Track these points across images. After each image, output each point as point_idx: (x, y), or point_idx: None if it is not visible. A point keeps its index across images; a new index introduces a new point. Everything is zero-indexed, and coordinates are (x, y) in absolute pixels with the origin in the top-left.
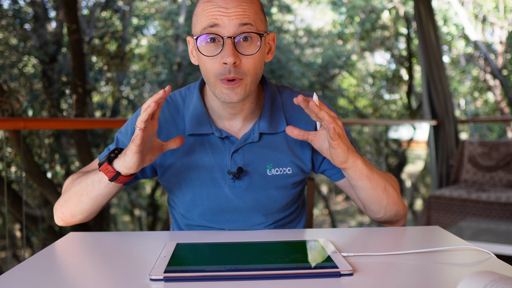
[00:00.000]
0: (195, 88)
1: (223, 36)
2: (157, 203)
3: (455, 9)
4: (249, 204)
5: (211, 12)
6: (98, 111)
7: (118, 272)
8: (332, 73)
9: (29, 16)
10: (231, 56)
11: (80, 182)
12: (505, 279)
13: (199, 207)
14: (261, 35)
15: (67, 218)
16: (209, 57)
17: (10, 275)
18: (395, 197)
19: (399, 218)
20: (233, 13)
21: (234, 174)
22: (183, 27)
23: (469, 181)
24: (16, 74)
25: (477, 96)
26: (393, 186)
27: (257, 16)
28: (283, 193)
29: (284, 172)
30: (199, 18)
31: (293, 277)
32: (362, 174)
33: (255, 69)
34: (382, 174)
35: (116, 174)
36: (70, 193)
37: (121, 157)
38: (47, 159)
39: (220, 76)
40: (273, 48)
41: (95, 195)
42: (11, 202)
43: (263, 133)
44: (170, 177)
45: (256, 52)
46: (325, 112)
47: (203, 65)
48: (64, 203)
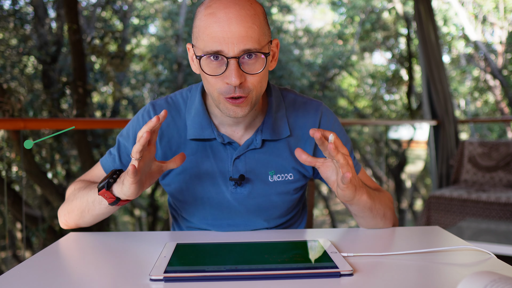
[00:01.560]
0: (197, 91)
1: (227, 56)
2: (157, 203)
3: (455, 9)
4: (250, 210)
5: (214, 33)
6: (98, 111)
7: (118, 272)
8: (332, 73)
9: (29, 16)
10: (236, 78)
11: (82, 197)
12: (505, 279)
13: (200, 212)
14: (267, 54)
15: (71, 225)
16: (213, 76)
17: (10, 275)
18: (392, 218)
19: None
20: (236, 33)
21: (236, 181)
22: (183, 27)
23: (469, 181)
24: (17, 74)
25: (477, 96)
26: (390, 208)
27: (261, 31)
28: (285, 199)
29: (286, 178)
30: (201, 35)
31: (293, 277)
32: (365, 207)
33: (260, 85)
34: (382, 200)
35: (116, 199)
36: (72, 206)
37: (119, 183)
38: (47, 159)
39: (225, 94)
40: (276, 54)
41: (96, 214)
42: (12, 202)
43: (265, 139)
44: (172, 182)
45: (261, 71)
46: (342, 156)
47: (206, 80)
48: (68, 213)
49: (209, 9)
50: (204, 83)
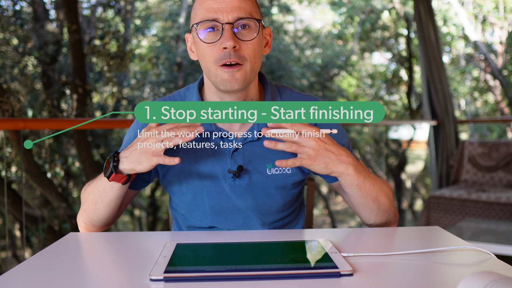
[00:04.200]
0: (194, 88)
1: (222, 22)
2: (157, 203)
3: (455, 9)
4: (248, 203)
5: (209, 5)
6: (98, 111)
7: (118, 272)
8: (331, 73)
9: (29, 16)
10: (231, 40)
11: (93, 191)
12: (505, 279)
13: (200, 207)
14: (259, 21)
15: (89, 227)
16: (209, 44)
17: (10, 275)
18: (387, 205)
19: (389, 223)
20: (230, 4)
21: (234, 173)
22: (184, 28)
23: (469, 181)
24: (17, 74)
25: (477, 97)
26: (386, 194)
27: (253, 7)
28: (282, 193)
29: (283, 171)
30: (197, 11)
31: (293, 277)
32: (352, 183)
33: (254, 55)
34: (377, 183)
35: (128, 177)
36: (87, 203)
37: (130, 163)
38: (47, 159)
39: (220, 61)
40: (270, 42)
41: (109, 200)
42: (11, 202)
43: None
44: (172, 177)
45: (254, 37)
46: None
47: (202, 54)
48: (84, 212)
49: None
50: (201, 61)
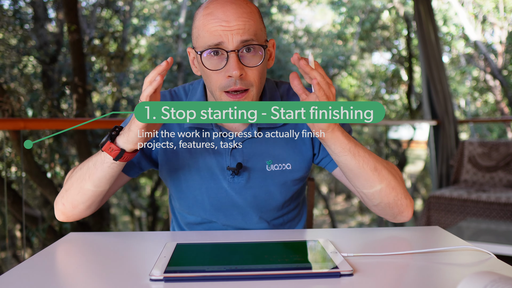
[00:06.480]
0: (199, 84)
1: (227, 50)
2: (157, 203)
3: (455, 9)
4: (248, 200)
5: (213, 28)
6: (98, 111)
7: (118, 272)
8: (331, 73)
9: (29, 16)
10: (237, 70)
11: (81, 167)
12: (505, 279)
13: (199, 203)
14: (264, 47)
15: (68, 211)
16: (214, 71)
17: (10, 275)
18: (392, 181)
19: (401, 209)
20: (235, 27)
21: (233, 170)
22: (183, 27)
23: (469, 181)
24: (16, 74)
25: (477, 97)
26: (389, 170)
27: (257, 27)
28: (282, 190)
29: (283, 168)
30: (200, 33)
31: (293, 277)
32: (344, 148)
33: (260, 80)
34: (377, 157)
35: (120, 151)
36: (71, 180)
37: (124, 133)
38: (47, 159)
39: (226, 88)
40: (273, 54)
41: (97, 178)
42: (11, 202)
43: (262, 127)
44: (171, 172)
45: (260, 63)
46: (318, 73)
47: (207, 78)
48: (65, 192)
49: (207, 9)
50: (206, 83)
